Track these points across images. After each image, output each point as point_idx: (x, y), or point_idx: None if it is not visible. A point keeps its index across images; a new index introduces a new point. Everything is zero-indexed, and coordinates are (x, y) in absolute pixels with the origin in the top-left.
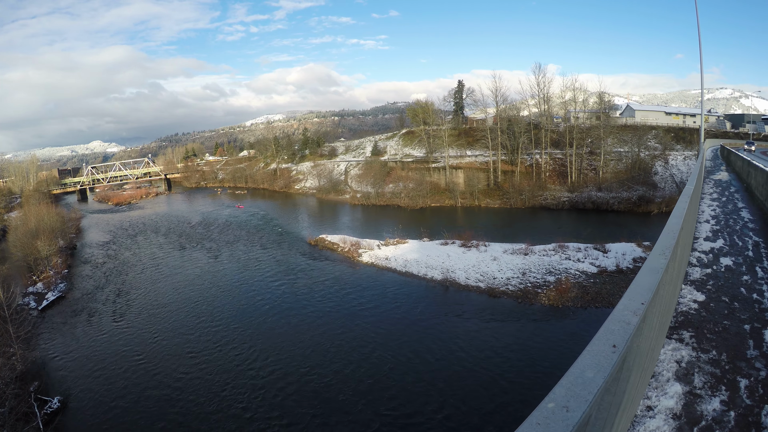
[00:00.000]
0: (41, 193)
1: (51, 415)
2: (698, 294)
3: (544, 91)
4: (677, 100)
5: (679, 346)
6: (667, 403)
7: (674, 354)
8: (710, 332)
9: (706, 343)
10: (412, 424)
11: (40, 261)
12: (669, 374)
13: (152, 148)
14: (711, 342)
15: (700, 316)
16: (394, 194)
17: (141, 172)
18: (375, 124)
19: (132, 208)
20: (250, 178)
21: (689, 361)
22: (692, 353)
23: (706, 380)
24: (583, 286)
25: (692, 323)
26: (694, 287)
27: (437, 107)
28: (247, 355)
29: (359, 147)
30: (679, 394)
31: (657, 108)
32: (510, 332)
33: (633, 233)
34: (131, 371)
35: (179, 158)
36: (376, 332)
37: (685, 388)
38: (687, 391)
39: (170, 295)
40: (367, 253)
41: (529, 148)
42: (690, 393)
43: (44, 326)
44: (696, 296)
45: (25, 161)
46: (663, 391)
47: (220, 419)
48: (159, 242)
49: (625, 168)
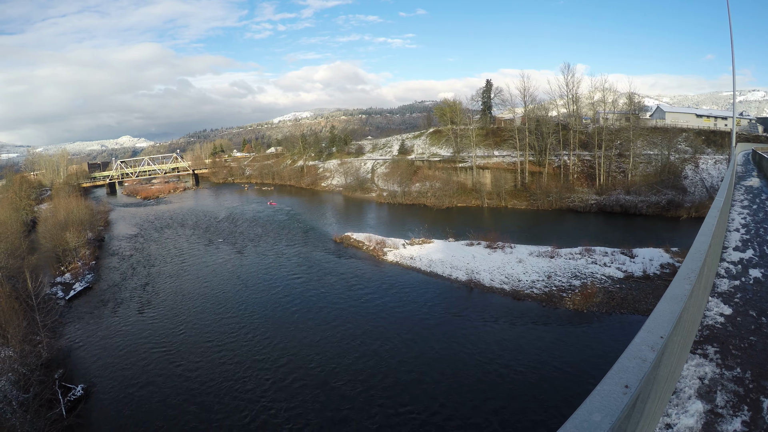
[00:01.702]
0: (71, 186)
1: (74, 401)
2: (725, 307)
3: (572, 91)
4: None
5: (703, 362)
6: (687, 422)
7: (697, 370)
8: (735, 348)
9: (731, 360)
10: (431, 424)
11: (68, 252)
12: (691, 391)
13: (181, 143)
14: (736, 358)
15: (726, 331)
16: (420, 193)
17: (169, 167)
18: (402, 122)
19: (160, 202)
20: (277, 175)
21: (712, 378)
22: (716, 370)
23: (729, 399)
24: (608, 291)
25: (718, 338)
26: (721, 300)
27: (465, 106)
28: (268, 350)
29: (386, 145)
30: (700, 412)
31: (688, 110)
32: (534, 336)
33: (661, 238)
34: (154, 362)
35: (207, 154)
36: (399, 332)
37: (707, 406)
38: (708, 410)
39: (195, 288)
40: (392, 252)
41: (557, 149)
42: (711, 412)
43: (71, 315)
44: (723, 309)
45: (55, 155)
46: (684, 409)
47: (240, 412)
48: (185, 236)
49: (655, 171)
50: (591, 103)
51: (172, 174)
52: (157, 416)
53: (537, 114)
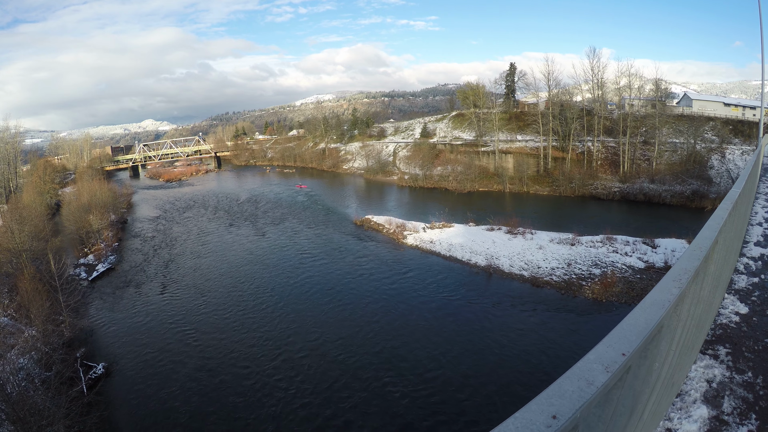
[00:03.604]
0: (94, 170)
1: (95, 380)
2: (741, 305)
3: (597, 76)
4: (737, 91)
5: (713, 363)
6: (689, 428)
7: (706, 372)
8: (749, 350)
9: (743, 363)
10: (442, 412)
11: (91, 234)
12: (697, 395)
13: (203, 126)
14: (748, 362)
15: (740, 331)
16: (441, 177)
17: (191, 150)
18: (425, 105)
19: (182, 184)
20: (299, 157)
21: (721, 381)
22: (726, 373)
23: (737, 405)
24: (629, 281)
25: (731, 338)
26: (737, 297)
27: (488, 90)
28: (287, 332)
29: (408, 128)
30: (705, 418)
31: (716, 98)
32: (553, 325)
33: (684, 229)
34: (174, 342)
35: (229, 137)
36: (417, 317)
37: (713, 412)
38: (713, 416)
39: (216, 269)
40: (412, 236)
41: (581, 135)
42: (716, 418)
43: (93, 296)
44: (739, 308)
45: (79, 139)
46: (687, 414)
47: (259, 392)
48: (207, 218)
49: (680, 160)
50: (616, 88)
51: (195, 157)
52: (175, 394)
53: (561, 98)
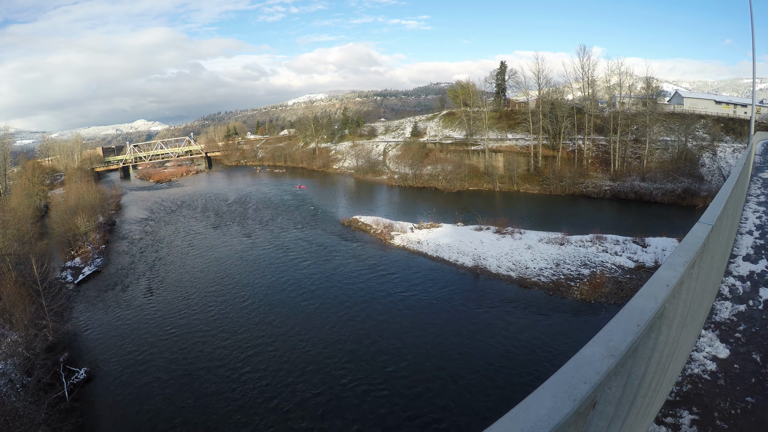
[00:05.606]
0: (84, 171)
1: (77, 384)
2: (720, 346)
3: (588, 74)
4: (728, 89)
5: None
6: None
7: None
8: (723, 416)
9: None
10: (427, 414)
11: (79, 237)
12: None
13: (195, 126)
14: None
15: (715, 386)
16: (431, 176)
17: (182, 150)
18: (417, 104)
19: (172, 185)
20: (289, 157)
21: None
22: None
23: None
24: (618, 281)
25: (701, 397)
26: (717, 334)
27: (478, 88)
28: (271, 334)
29: (399, 127)
30: None
31: (707, 96)
32: (540, 327)
33: (675, 227)
34: (159, 346)
35: (221, 137)
36: (401, 319)
37: None
38: None
39: (203, 272)
40: (400, 236)
41: (571, 133)
42: None
43: (79, 299)
44: (717, 350)
45: (69, 140)
46: None
47: (242, 397)
48: (196, 219)
49: (671, 158)
50: (607, 86)
51: (185, 157)
52: (158, 398)
53: (552, 97)
